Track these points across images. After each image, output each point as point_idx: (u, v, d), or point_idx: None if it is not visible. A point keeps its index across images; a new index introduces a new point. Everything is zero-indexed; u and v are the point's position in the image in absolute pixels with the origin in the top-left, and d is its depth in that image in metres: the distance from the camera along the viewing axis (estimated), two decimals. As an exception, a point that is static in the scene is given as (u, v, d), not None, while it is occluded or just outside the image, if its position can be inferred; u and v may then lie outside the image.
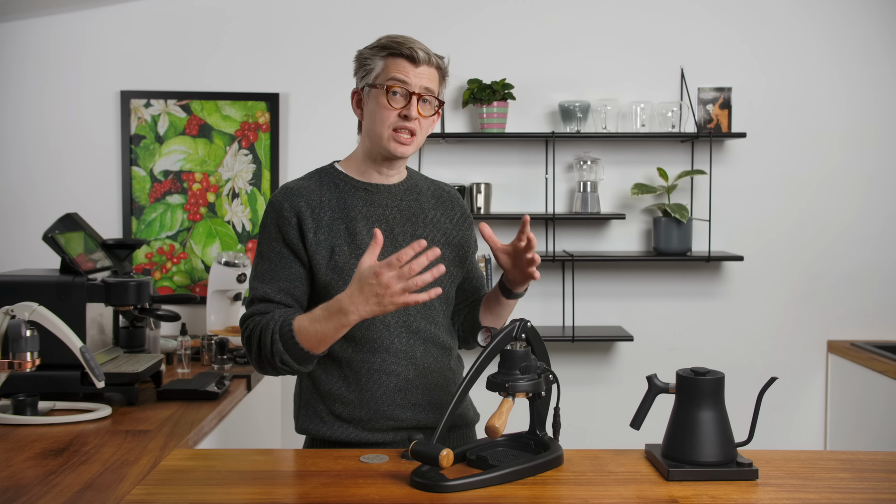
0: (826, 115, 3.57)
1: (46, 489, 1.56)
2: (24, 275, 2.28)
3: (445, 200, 1.95)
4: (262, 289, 1.76)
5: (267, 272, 1.77)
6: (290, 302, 1.76)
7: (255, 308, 1.76)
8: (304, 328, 1.66)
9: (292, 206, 1.78)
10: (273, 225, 1.79)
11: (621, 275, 3.60)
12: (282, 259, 1.77)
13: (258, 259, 1.80)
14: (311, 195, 1.80)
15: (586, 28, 3.56)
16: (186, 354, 2.69)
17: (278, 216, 1.78)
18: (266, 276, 1.77)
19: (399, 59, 1.77)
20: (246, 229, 3.53)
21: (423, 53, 1.77)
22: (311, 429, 1.83)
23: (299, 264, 1.77)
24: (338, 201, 1.81)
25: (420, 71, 1.77)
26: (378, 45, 1.80)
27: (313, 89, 3.54)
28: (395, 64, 1.77)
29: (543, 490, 1.51)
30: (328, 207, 1.80)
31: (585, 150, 3.55)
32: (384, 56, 1.78)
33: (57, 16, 3.50)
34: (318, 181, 1.84)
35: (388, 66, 1.77)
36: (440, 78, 1.82)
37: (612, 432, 3.14)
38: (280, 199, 1.80)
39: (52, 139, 3.52)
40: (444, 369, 1.86)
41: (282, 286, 1.76)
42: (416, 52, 1.76)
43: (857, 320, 3.60)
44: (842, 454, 1.74)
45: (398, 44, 1.77)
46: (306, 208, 1.78)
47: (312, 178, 1.86)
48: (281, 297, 1.75)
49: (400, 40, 1.77)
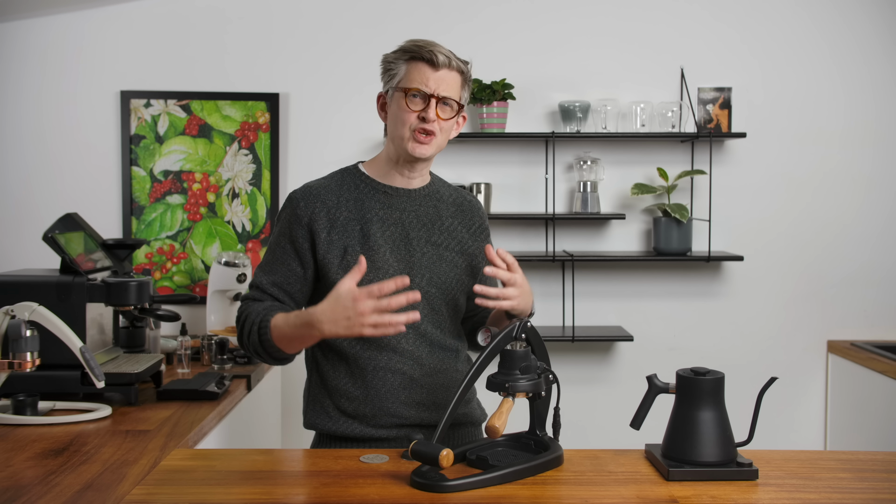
0: (826, 115, 3.57)
1: (46, 489, 1.56)
2: (24, 275, 2.28)
3: (466, 209, 1.97)
4: (260, 277, 1.86)
5: (269, 263, 1.87)
6: (281, 296, 1.84)
7: (250, 294, 1.87)
8: (279, 327, 1.75)
9: (307, 206, 1.84)
10: (285, 220, 1.86)
11: (621, 275, 3.60)
12: (284, 255, 1.84)
13: (268, 248, 1.89)
14: (329, 195, 1.85)
15: (586, 28, 3.56)
16: (186, 354, 2.69)
17: (291, 214, 1.85)
18: (267, 266, 1.87)
19: (419, 63, 1.80)
20: (246, 229, 3.53)
21: (443, 57, 1.79)
22: (318, 423, 1.88)
23: (298, 263, 1.84)
24: (356, 202, 1.85)
25: (440, 75, 1.80)
26: (401, 48, 1.84)
27: (313, 89, 3.54)
28: (416, 67, 1.80)
29: (543, 490, 1.51)
30: (345, 207, 1.84)
31: (585, 150, 3.55)
32: (406, 60, 1.82)
33: (57, 16, 3.50)
34: (340, 181, 1.89)
35: (410, 69, 1.81)
36: (462, 82, 1.84)
37: (612, 432, 3.14)
38: (298, 197, 1.86)
39: (52, 139, 3.52)
40: (450, 370, 1.88)
41: (276, 280, 1.84)
42: (436, 55, 1.79)
43: (856, 320, 3.60)
44: (842, 454, 1.74)
45: (419, 47, 1.80)
46: (321, 209, 1.83)
47: (335, 177, 1.91)
48: (274, 290, 1.84)
49: (421, 44, 1.81)
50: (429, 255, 1.86)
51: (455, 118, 1.85)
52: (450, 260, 1.88)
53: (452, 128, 1.87)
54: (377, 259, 1.80)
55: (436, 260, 1.86)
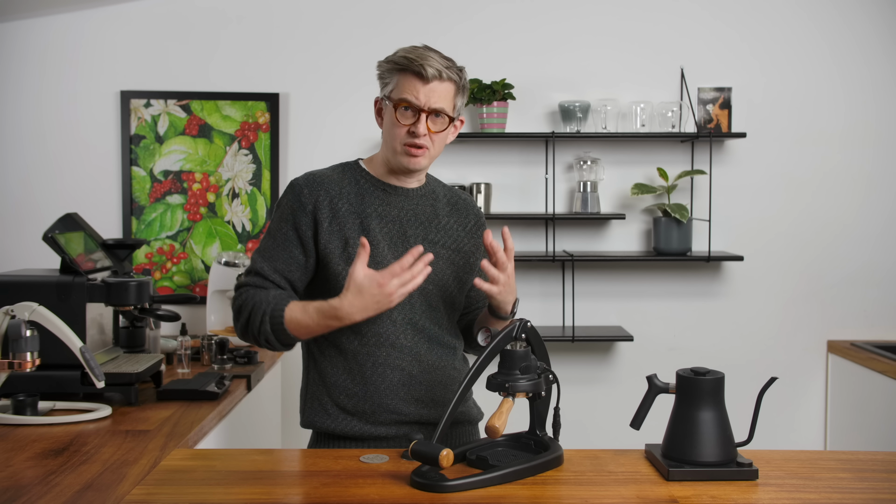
0: (826, 115, 3.57)
1: (46, 489, 1.56)
2: (24, 275, 2.28)
3: (461, 208, 1.97)
4: (260, 263, 1.84)
5: (269, 249, 1.85)
6: (282, 283, 1.84)
7: (249, 279, 1.84)
8: (295, 319, 1.76)
9: (312, 193, 1.84)
10: (288, 207, 1.85)
11: (621, 275, 3.60)
12: (286, 241, 1.84)
13: (267, 234, 1.88)
14: (332, 185, 1.85)
15: (586, 28, 3.56)
16: (186, 354, 2.69)
17: (295, 200, 1.84)
18: (267, 252, 1.85)
19: (409, 76, 1.79)
20: (246, 229, 3.53)
21: (433, 70, 1.77)
22: (316, 422, 1.87)
23: (301, 251, 1.83)
24: (356, 196, 1.86)
25: (430, 87, 1.78)
26: (393, 59, 1.82)
27: (313, 89, 3.54)
28: (406, 80, 1.79)
29: (543, 490, 1.51)
30: (346, 200, 1.85)
31: (585, 150, 3.55)
32: (397, 71, 1.81)
33: (57, 16, 3.50)
34: (341, 173, 1.89)
35: (400, 81, 1.80)
36: (455, 91, 1.83)
37: (612, 432, 3.14)
38: (301, 183, 1.86)
39: (52, 139, 3.52)
40: (448, 367, 1.89)
41: (278, 266, 1.83)
42: (426, 68, 1.77)
43: (856, 320, 3.60)
44: (842, 454, 1.74)
45: (409, 60, 1.78)
46: (325, 197, 1.83)
47: (336, 169, 1.91)
48: (275, 276, 1.83)
49: (412, 56, 1.78)
50: (426, 252, 1.86)
51: (448, 128, 1.84)
52: (446, 258, 1.89)
53: (447, 137, 1.86)
54: (375, 255, 1.81)
55: (433, 258, 1.86)
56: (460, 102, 1.86)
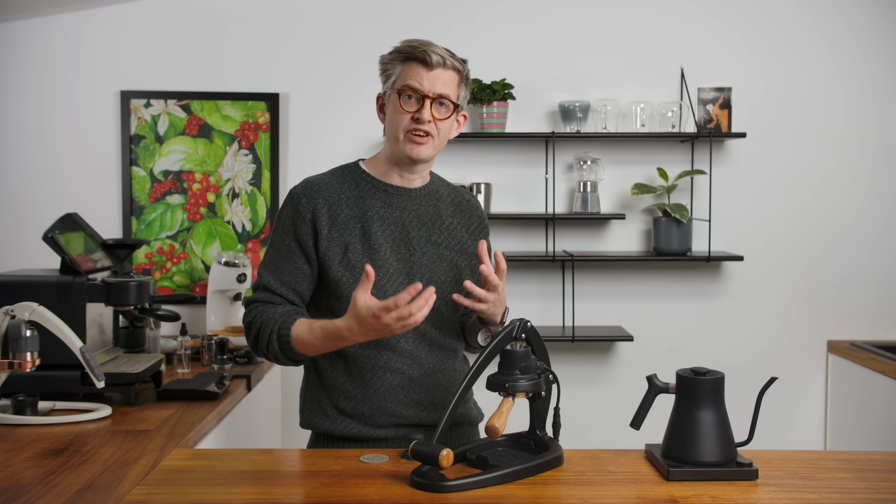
0: (826, 115, 3.57)
1: (46, 489, 1.56)
2: (24, 275, 2.28)
3: (464, 209, 1.96)
4: (266, 278, 1.83)
5: (274, 262, 1.84)
6: (290, 296, 1.82)
7: (258, 295, 1.83)
8: (301, 339, 1.75)
9: (310, 201, 1.82)
10: (288, 217, 1.84)
11: (621, 275, 3.60)
12: (289, 253, 1.82)
13: (270, 246, 1.87)
14: (330, 191, 1.84)
15: (586, 28, 3.56)
16: (186, 354, 2.69)
17: (294, 210, 1.83)
18: (272, 266, 1.84)
19: (414, 63, 1.79)
20: (246, 229, 3.53)
21: (437, 56, 1.78)
22: (315, 423, 1.87)
23: (305, 261, 1.82)
24: (356, 199, 1.84)
25: (434, 74, 1.78)
26: (396, 49, 1.83)
27: (313, 89, 3.54)
28: (410, 67, 1.79)
29: (543, 490, 1.51)
30: (346, 205, 1.83)
31: (585, 150, 3.55)
32: (401, 60, 1.81)
33: (57, 16, 3.50)
34: (341, 177, 1.88)
35: (404, 69, 1.80)
36: (459, 80, 1.83)
37: (613, 432, 3.14)
38: (299, 192, 1.84)
39: (52, 139, 3.52)
40: (448, 370, 1.88)
41: (284, 279, 1.82)
42: (430, 55, 1.77)
43: (856, 320, 3.60)
44: (842, 454, 1.74)
45: (412, 47, 1.79)
46: (323, 204, 1.82)
47: (335, 173, 1.89)
48: (283, 290, 1.82)
49: (415, 44, 1.79)
50: (429, 254, 1.85)
51: (452, 117, 1.83)
52: (449, 259, 1.88)
53: (452, 128, 1.85)
54: (378, 258, 1.80)
55: (436, 259, 1.86)
56: (464, 93, 1.85)
